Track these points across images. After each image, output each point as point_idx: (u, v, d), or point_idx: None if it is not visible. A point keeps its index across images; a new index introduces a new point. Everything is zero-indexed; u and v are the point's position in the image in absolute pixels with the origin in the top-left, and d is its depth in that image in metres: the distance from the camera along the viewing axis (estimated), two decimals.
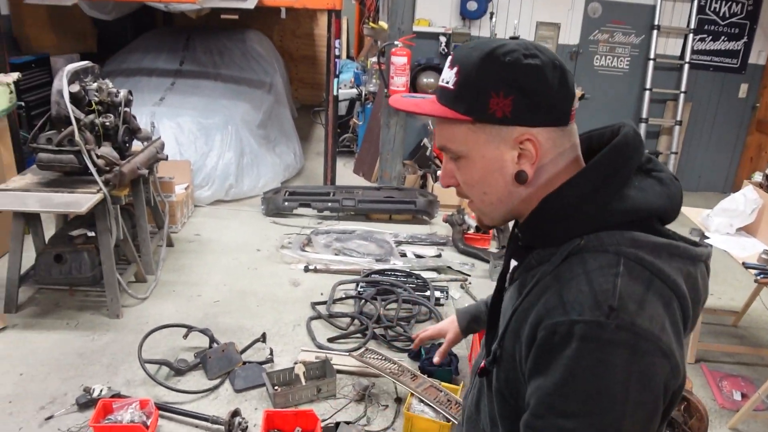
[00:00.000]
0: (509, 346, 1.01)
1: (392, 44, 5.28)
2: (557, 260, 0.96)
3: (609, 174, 0.96)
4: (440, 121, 1.04)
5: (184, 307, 3.90)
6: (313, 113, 8.40)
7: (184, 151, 5.34)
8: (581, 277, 0.91)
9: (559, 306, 0.90)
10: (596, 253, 0.93)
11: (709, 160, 7.26)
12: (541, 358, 0.91)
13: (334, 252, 4.70)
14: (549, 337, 0.89)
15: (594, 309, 0.87)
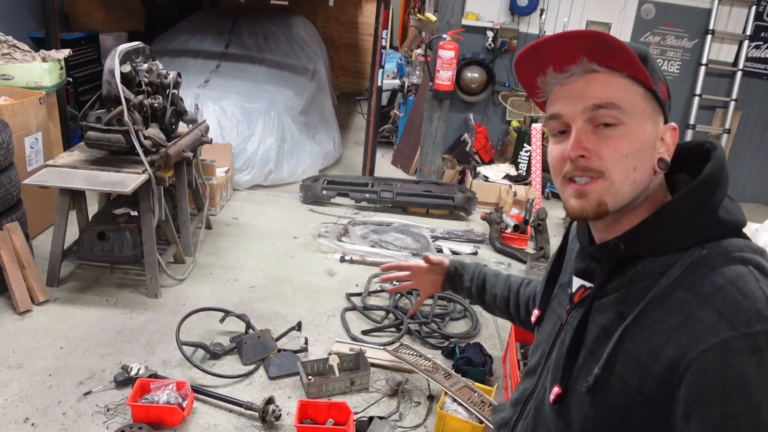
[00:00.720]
0: (624, 371, 0.94)
1: (440, 37, 5.23)
2: (677, 271, 0.92)
3: (717, 187, 0.97)
4: (606, 80, 0.95)
5: (220, 291, 3.92)
6: (354, 102, 8.38)
7: (226, 135, 5.37)
8: (729, 287, 0.87)
9: (719, 322, 0.85)
10: (723, 261, 0.91)
11: (756, 170, 7.05)
12: (711, 386, 0.84)
13: (371, 244, 4.69)
14: (721, 356, 0.84)
15: (761, 319, 0.84)
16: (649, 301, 0.93)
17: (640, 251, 0.97)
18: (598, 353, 0.99)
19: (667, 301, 0.92)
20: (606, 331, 0.99)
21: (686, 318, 0.88)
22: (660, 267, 0.95)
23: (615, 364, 0.95)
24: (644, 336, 0.92)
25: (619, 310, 0.98)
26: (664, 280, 0.93)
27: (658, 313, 0.92)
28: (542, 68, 0.99)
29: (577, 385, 1.01)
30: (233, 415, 2.84)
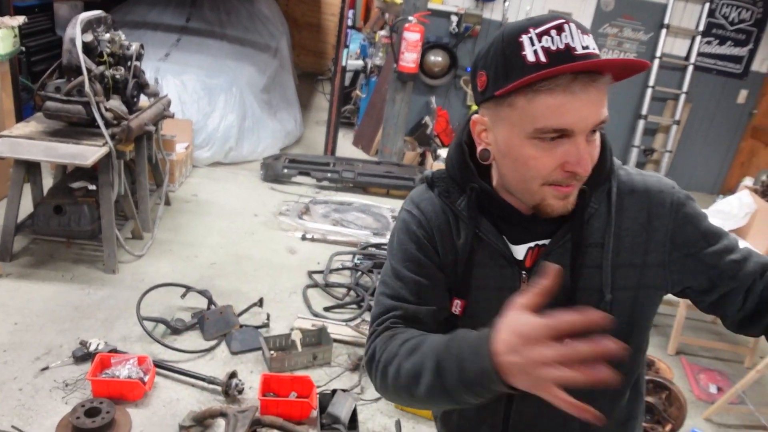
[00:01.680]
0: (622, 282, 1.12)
1: (406, 19, 5.24)
2: (615, 186, 1.14)
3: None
4: (604, 92, 0.98)
5: (180, 267, 3.90)
6: (316, 81, 8.34)
7: (186, 110, 5.29)
8: (644, 176, 1.18)
9: (664, 193, 1.15)
10: (622, 167, 1.19)
11: (701, 161, 7.33)
12: (684, 219, 1.14)
13: (332, 222, 4.72)
14: (678, 206, 1.14)
15: (669, 181, 1.19)
16: (615, 218, 1.12)
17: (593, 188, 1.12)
18: (590, 285, 1.11)
19: (626, 210, 1.13)
20: (587, 266, 1.11)
21: (649, 210, 1.13)
22: (602, 192, 1.14)
23: (615, 282, 1.11)
24: (628, 244, 1.12)
25: (591, 242, 1.12)
26: (614, 198, 1.13)
27: (626, 222, 1.13)
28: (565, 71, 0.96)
29: None
30: (196, 390, 2.85)
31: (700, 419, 3.27)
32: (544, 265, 0.91)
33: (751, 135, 7.17)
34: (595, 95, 0.96)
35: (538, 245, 1.14)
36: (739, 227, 3.84)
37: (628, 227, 1.12)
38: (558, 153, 0.99)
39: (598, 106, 0.97)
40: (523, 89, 0.96)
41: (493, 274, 1.15)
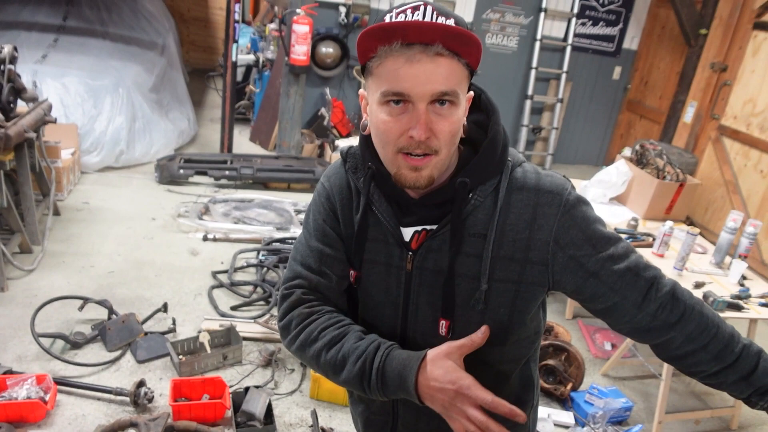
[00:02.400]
0: (502, 274, 1.16)
1: (294, 12, 5.23)
2: (505, 183, 1.16)
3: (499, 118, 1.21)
4: (450, 66, 1.04)
5: (75, 279, 3.75)
6: (207, 78, 8.14)
7: (70, 114, 5.04)
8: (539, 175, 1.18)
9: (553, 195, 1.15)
10: (519, 165, 1.20)
11: (585, 135, 7.82)
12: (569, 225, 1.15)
13: (233, 220, 4.67)
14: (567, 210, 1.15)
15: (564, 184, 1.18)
16: (500, 212, 1.15)
17: (476, 182, 1.15)
18: (469, 274, 1.16)
19: (512, 206, 1.15)
20: (468, 254, 1.16)
21: (534, 208, 1.15)
22: (491, 187, 1.16)
23: (494, 273, 1.15)
24: (510, 239, 1.15)
25: (473, 232, 1.16)
26: (501, 193, 1.15)
27: (511, 218, 1.15)
28: (390, 39, 1.02)
29: (461, 309, 1.18)
30: (103, 403, 2.78)
31: (598, 375, 3.55)
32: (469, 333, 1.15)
33: (627, 108, 7.72)
34: (430, 65, 1.02)
35: (425, 229, 1.19)
36: (619, 194, 4.15)
37: (513, 223, 1.14)
38: (404, 119, 1.06)
39: (434, 76, 1.02)
40: (376, 58, 1.05)
41: (383, 250, 1.23)
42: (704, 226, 6.05)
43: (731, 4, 6.07)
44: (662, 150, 4.30)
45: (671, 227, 3.35)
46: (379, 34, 1.03)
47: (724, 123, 6.11)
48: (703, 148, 6.37)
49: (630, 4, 7.31)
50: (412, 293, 1.22)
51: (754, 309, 2.97)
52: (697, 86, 6.45)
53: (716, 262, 3.39)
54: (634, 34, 7.44)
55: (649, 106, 7.35)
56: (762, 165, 5.59)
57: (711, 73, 6.30)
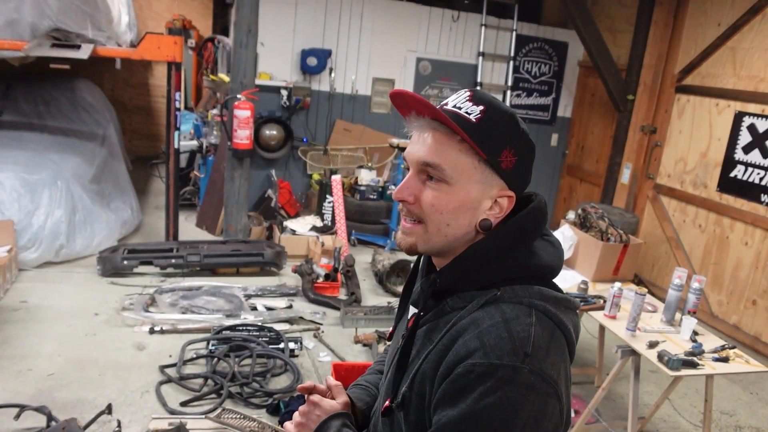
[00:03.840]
0: (419, 388, 1.07)
1: (235, 97, 5.29)
2: (474, 307, 1.04)
3: (525, 233, 1.09)
4: (441, 141, 1.06)
5: (11, 384, 3.51)
6: (150, 166, 8.08)
7: (5, 210, 4.87)
8: (501, 325, 1.00)
9: (479, 349, 0.98)
10: (512, 304, 1.03)
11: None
12: (453, 392, 0.98)
13: (181, 310, 4.51)
14: (465, 375, 0.97)
15: (512, 354, 0.96)
16: (446, 330, 1.06)
17: (451, 287, 1.10)
18: (410, 372, 1.11)
19: (456, 329, 1.04)
20: (419, 353, 1.12)
21: (462, 343, 1.01)
22: (463, 302, 1.07)
23: (414, 383, 1.09)
24: (434, 358, 1.06)
25: (430, 336, 1.11)
26: (462, 314, 1.06)
27: (448, 339, 1.05)
28: (408, 108, 1.10)
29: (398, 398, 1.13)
30: None
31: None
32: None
33: (567, 173, 8.00)
34: (422, 138, 1.08)
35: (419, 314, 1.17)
36: (567, 258, 4.20)
37: (445, 347, 1.04)
38: None
39: (423, 147, 1.07)
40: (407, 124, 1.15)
41: (405, 320, 1.26)
42: (653, 283, 6.19)
43: (653, 71, 6.46)
44: (603, 212, 4.42)
45: (620, 288, 3.40)
46: (396, 101, 1.11)
47: (659, 182, 6.38)
48: (643, 207, 6.61)
49: (560, 75, 7.70)
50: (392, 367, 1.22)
51: (708, 365, 3.00)
52: (630, 148, 6.75)
53: (667, 319, 3.44)
54: (566, 102, 7.80)
55: (587, 170, 7.63)
56: (699, 220, 5.82)
57: (642, 136, 6.62)
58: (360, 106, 7.04)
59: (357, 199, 6.57)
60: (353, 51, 6.86)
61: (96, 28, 5.26)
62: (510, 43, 7.35)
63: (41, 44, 4.74)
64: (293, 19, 6.55)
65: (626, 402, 4.01)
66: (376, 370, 1.47)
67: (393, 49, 7.01)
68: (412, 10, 7.00)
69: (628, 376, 4.07)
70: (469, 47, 7.29)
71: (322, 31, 6.68)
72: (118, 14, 6.01)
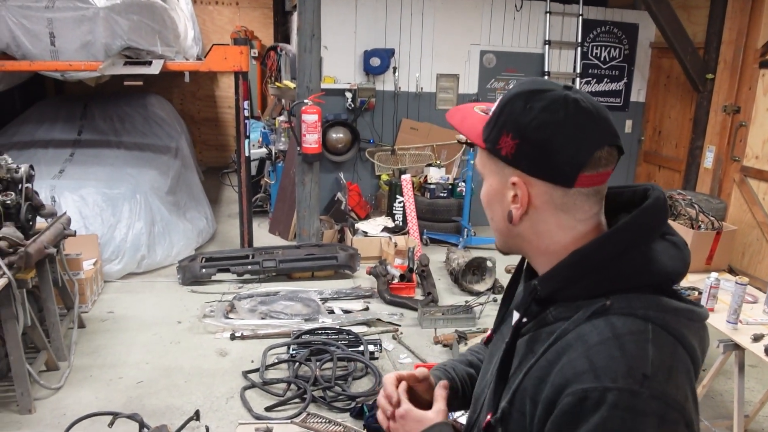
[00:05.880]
0: (520, 405, 0.97)
1: (302, 102, 5.31)
2: (580, 319, 0.93)
3: (641, 234, 0.96)
4: (480, 152, 1.09)
5: (104, 393, 3.62)
6: (222, 175, 8.25)
7: (89, 225, 5.06)
8: (611, 341, 0.88)
9: (589, 371, 0.86)
10: (624, 317, 0.91)
11: None
12: (566, 424, 0.87)
13: (260, 316, 4.55)
14: (578, 403, 0.86)
15: (627, 377, 0.84)
16: (550, 344, 0.95)
17: (553, 295, 0.99)
18: (510, 385, 1.01)
19: (561, 345, 0.93)
20: (520, 364, 1.01)
21: (567, 362, 0.90)
22: (568, 312, 0.96)
23: (515, 399, 0.98)
24: (537, 374, 0.94)
25: (532, 347, 1.00)
26: (567, 325, 0.94)
27: (552, 355, 0.94)
28: None
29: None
30: None
31: None
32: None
33: (644, 160, 7.66)
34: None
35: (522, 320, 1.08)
36: None
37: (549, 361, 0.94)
38: None
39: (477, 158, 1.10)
40: None
41: (508, 324, 1.18)
42: (744, 272, 5.83)
43: (733, 47, 6.10)
44: (692, 199, 4.18)
45: (717, 279, 3.19)
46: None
47: (746, 164, 6.01)
48: (729, 192, 6.25)
49: (631, 59, 7.39)
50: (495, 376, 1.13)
51: None
52: (712, 130, 6.40)
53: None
54: (639, 86, 7.48)
55: (666, 156, 7.28)
56: None
57: (725, 116, 6.26)
58: (425, 103, 6.96)
59: (427, 198, 6.49)
60: (416, 48, 6.78)
61: (165, 44, 5.40)
62: (576, 28, 7.11)
63: (115, 63, 4.90)
64: (354, 21, 6.54)
65: (726, 400, 3.78)
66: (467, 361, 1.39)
67: (456, 44, 6.90)
68: (473, 2, 6.86)
69: (724, 373, 3.85)
70: (534, 36, 7.09)
71: (384, 31, 6.64)
72: (184, 29, 6.17)
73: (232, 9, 9.59)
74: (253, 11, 9.63)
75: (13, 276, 3.25)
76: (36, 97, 7.60)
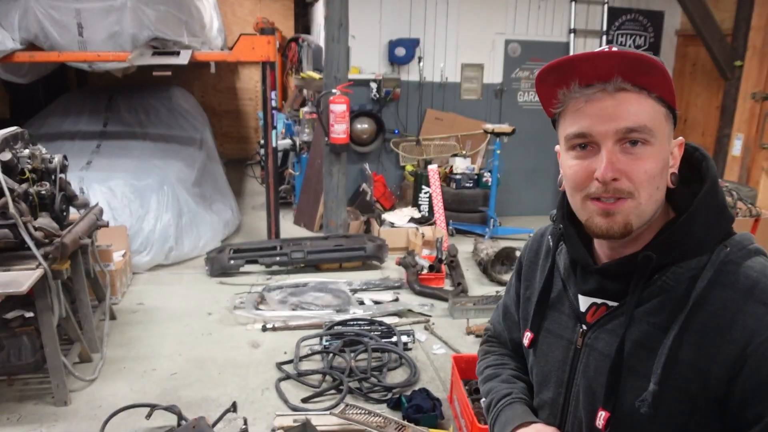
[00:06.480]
0: (677, 380, 0.94)
1: (330, 92, 5.25)
2: (709, 272, 0.94)
3: (720, 187, 1.02)
4: (638, 100, 0.94)
5: (138, 384, 3.60)
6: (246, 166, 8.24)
7: (117, 216, 5.04)
8: (763, 279, 0.93)
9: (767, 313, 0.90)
10: (744, 255, 0.96)
11: None
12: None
13: (291, 307, 4.52)
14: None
15: None
16: (692, 306, 0.93)
17: (671, 259, 0.97)
18: (640, 369, 0.98)
19: (709, 303, 0.93)
20: (641, 345, 0.98)
21: (735, 314, 0.91)
22: (689, 271, 0.96)
23: (670, 377, 0.94)
24: (695, 341, 0.93)
25: (654, 321, 0.97)
26: (700, 283, 0.94)
27: (702, 316, 0.93)
28: (567, 81, 0.97)
29: (625, 405, 0.99)
30: None
31: None
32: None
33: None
34: (612, 101, 0.94)
35: (605, 304, 1.06)
36: None
37: (703, 323, 0.93)
38: (591, 163, 0.97)
39: (618, 112, 0.94)
40: (559, 104, 1.01)
41: (558, 320, 1.15)
42: None
43: (763, 33, 5.98)
44: (729, 187, 4.09)
45: None
46: (553, 77, 0.98)
47: None
48: (758, 179, 6.14)
49: (657, 47, 7.27)
50: (577, 373, 1.08)
51: None
52: (740, 118, 6.29)
53: None
54: None
55: None
56: None
57: (753, 104, 6.15)
58: (450, 93, 6.88)
59: (453, 188, 6.42)
60: (440, 38, 6.70)
61: (191, 35, 5.36)
62: (602, 16, 7.00)
63: (143, 54, 4.87)
64: (379, 11, 6.46)
65: None
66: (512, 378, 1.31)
67: (481, 33, 6.80)
68: None
69: None
70: (560, 25, 6.99)
71: (409, 21, 6.56)
72: (210, 20, 6.13)
73: (254, 1, 9.54)
74: (274, 3, 9.59)
75: (48, 267, 3.23)
76: (59, 89, 7.62)
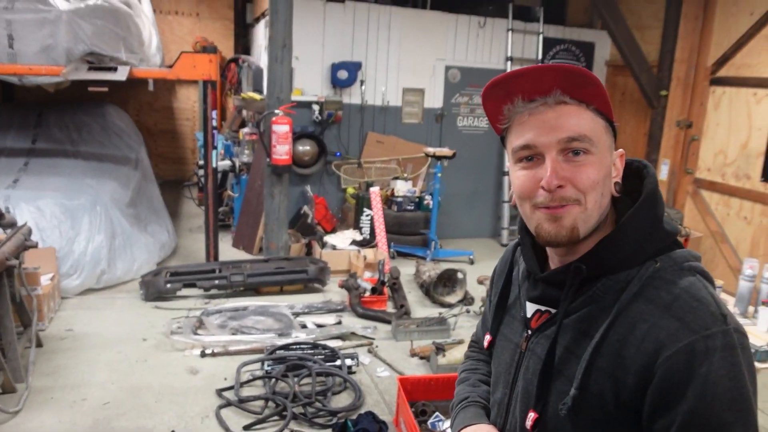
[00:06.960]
0: (595, 386, 0.98)
1: (273, 113, 5.20)
2: (636, 285, 0.97)
3: (659, 201, 1.04)
4: (576, 112, 0.99)
5: (67, 416, 3.40)
6: (182, 188, 8.03)
7: (46, 237, 4.79)
8: (684, 296, 0.94)
9: (681, 327, 0.91)
10: (675, 272, 0.98)
11: None
12: (676, 383, 0.90)
13: (231, 332, 4.39)
14: (687, 359, 0.90)
15: (715, 321, 0.92)
16: (614, 317, 0.97)
17: (601, 271, 1.01)
18: (567, 373, 1.02)
19: (630, 314, 0.97)
20: (570, 351, 1.03)
21: (650, 327, 0.94)
22: (618, 284, 1.00)
23: (589, 382, 0.98)
24: (613, 350, 0.97)
25: (582, 328, 1.02)
26: (625, 295, 0.98)
27: (623, 327, 0.97)
28: (511, 97, 1.02)
29: (551, 408, 1.03)
30: None
31: None
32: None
33: None
34: (553, 113, 0.99)
35: (548, 311, 1.11)
36: None
37: (622, 334, 0.96)
38: (537, 173, 1.01)
39: (559, 123, 0.99)
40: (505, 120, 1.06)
41: (511, 324, 1.20)
42: None
43: (686, 65, 6.36)
44: None
45: None
46: (497, 93, 1.03)
47: (699, 176, 6.27)
48: (683, 203, 6.48)
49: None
50: (519, 375, 1.14)
51: None
52: (666, 144, 6.63)
53: (740, 312, 3.36)
54: None
55: None
56: (744, 212, 5.68)
57: (678, 131, 6.50)
58: (391, 117, 6.94)
59: (394, 211, 6.45)
60: (382, 62, 6.77)
61: (129, 51, 5.22)
62: (537, 46, 7.25)
63: (78, 68, 4.70)
64: (322, 33, 6.48)
65: None
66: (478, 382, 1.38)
67: (422, 59, 6.92)
68: (439, 19, 6.91)
69: None
70: (497, 53, 7.20)
71: (351, 44, 6.60)
72: (149, 36, 5.99)
73: (193, 20, 9.40)
74: (214, 23, 9.47)
75: None
76: None
